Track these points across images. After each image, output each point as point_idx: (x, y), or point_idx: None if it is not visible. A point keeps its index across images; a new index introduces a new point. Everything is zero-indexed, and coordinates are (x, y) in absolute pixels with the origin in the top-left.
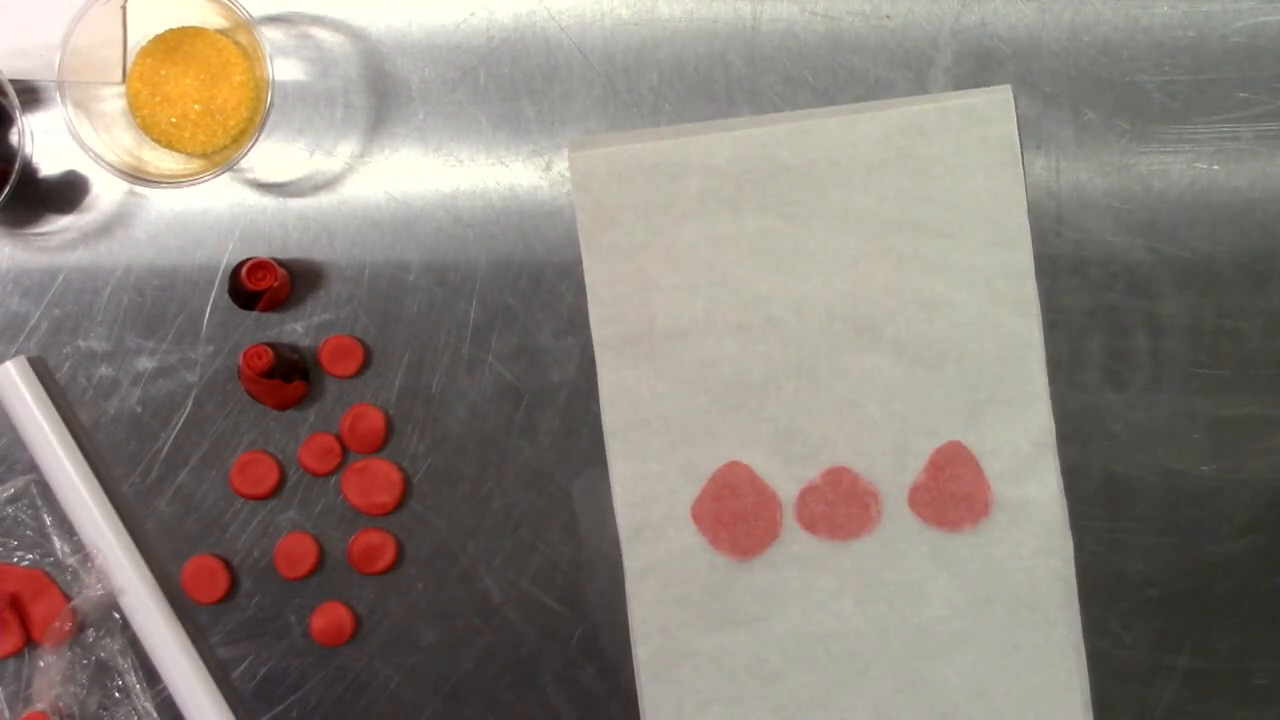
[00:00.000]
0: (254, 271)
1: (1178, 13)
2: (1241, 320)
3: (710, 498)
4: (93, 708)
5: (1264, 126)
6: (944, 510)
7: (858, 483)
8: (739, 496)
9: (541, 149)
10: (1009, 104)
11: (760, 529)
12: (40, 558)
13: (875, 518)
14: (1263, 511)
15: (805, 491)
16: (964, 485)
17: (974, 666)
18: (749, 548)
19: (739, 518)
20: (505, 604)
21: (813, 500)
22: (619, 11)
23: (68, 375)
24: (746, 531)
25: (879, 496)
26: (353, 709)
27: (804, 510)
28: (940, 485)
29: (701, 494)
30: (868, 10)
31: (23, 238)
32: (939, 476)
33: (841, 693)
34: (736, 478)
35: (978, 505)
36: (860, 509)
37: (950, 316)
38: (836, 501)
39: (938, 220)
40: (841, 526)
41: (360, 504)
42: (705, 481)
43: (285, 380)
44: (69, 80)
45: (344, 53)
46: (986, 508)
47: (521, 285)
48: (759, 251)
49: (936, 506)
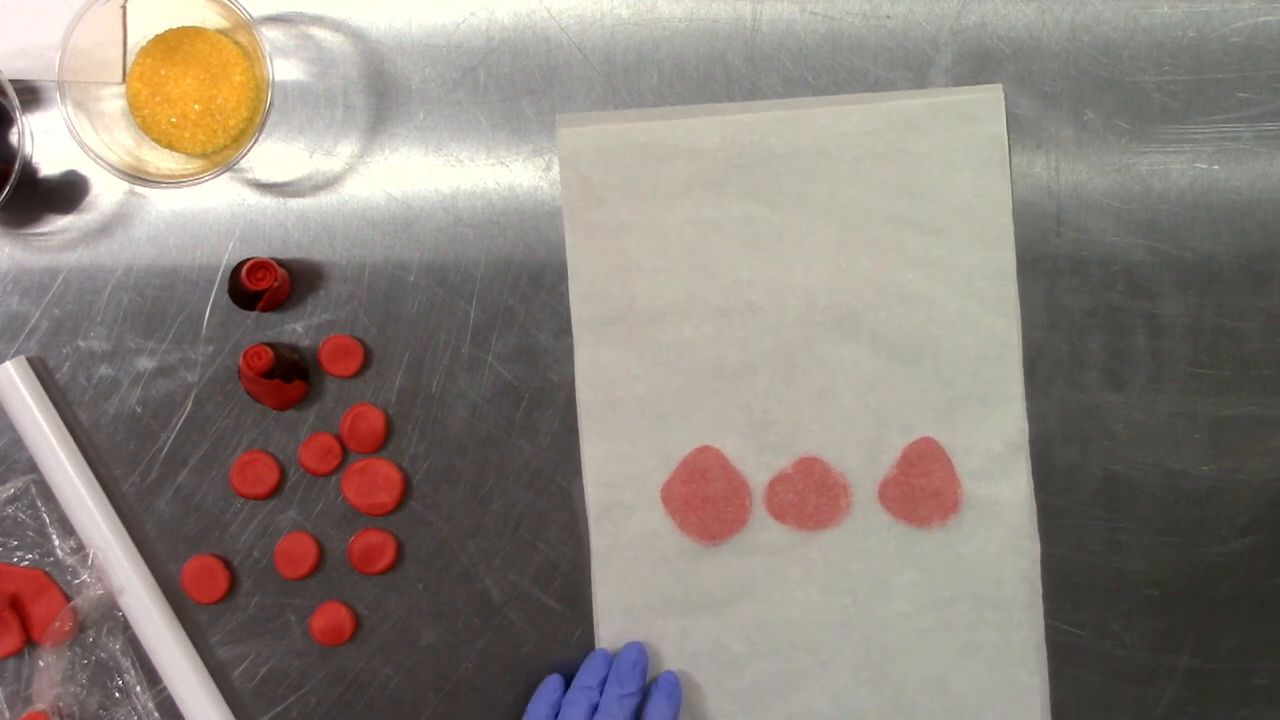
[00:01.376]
0: (254, 271)
1: (1178, 13)
2: (1241, 320)
3: (681, 481)
4: (93, 708)
5: (1264, 126)
6: (913, 506)
7: (829, 474)
8: (710, 481)
9: (541, 149)
10: (999, 103)
11: (729, 515)
12: (40, 558)
13: (844, 509)
14: (1263, 511)
15: (776, 480)
16: (934, 481)
17: (936, 663)
18: (717, 533)
19: (709, 502)
20: (505, 604)
21: (783, 489)
22: (619, 11)
23: (68, 375)
24: (715, 516)
25: (849, 489)
26: (353, 709)
27: (774, 498)
28: (911, 480)
29: (672, 477)
30: (868, 10)
31: (23, 238)
32: (910, 472)
33: (802, 683)
34: (708, 462)
35: (947, 502)
36: (830, 500)
37: (929, 312)
38: (807, 491)
39: (922, 215)
40: (810, 517)
41: (360, 504)
42: (677, 465)
43: (285, 380)
44: (69, 80)
45: (344, 53)
46: (956, 505)
47: (521, 285)
48: (743, 237)
49: (906, 502)
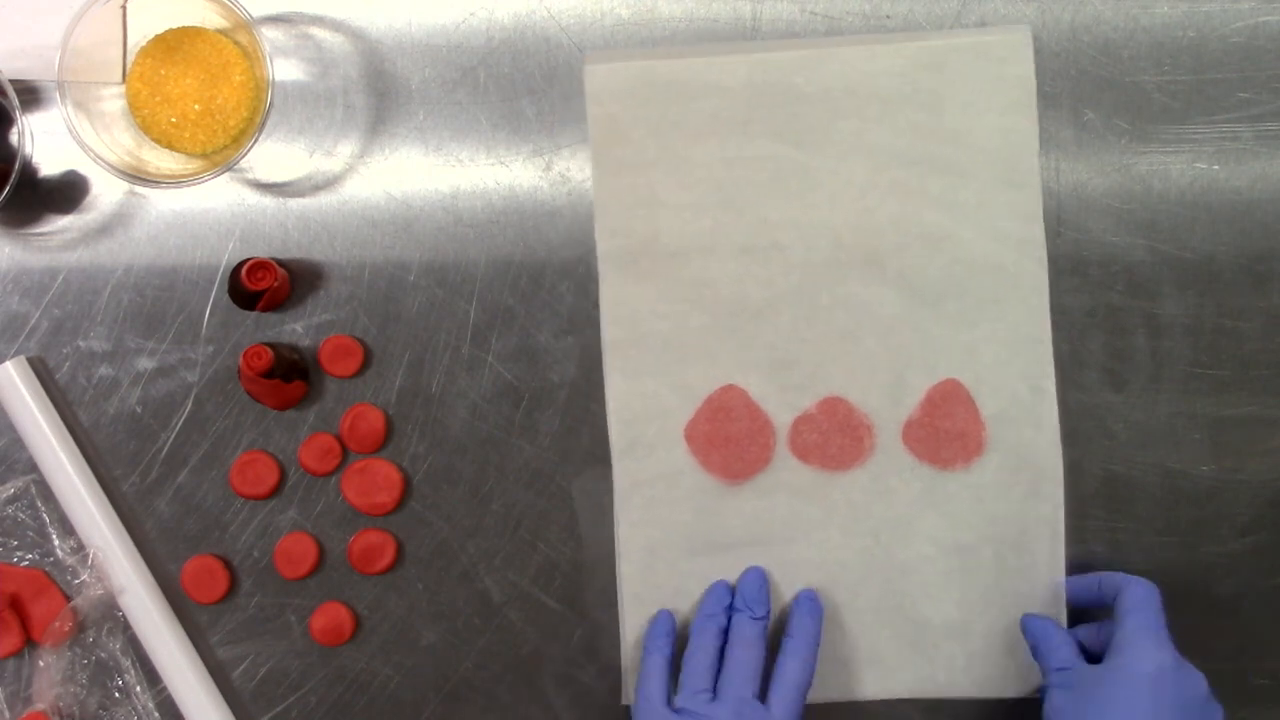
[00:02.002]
0: (254, 271)
1: (1178, 13)
2: (1241, 320)
3: (704, 419)
4: (93, 708)
5: (1264, 126)
6: (937, 447)
7: (853, 414)
8: (733, 420)
9: (541, 149)
10: (1028, 45)
11: (753, 454)
12: (40, 558)
13: (868, 450)
14: (1263, 511)
15: (800, 420)
16: (958, 424)
17: (957, 607)
18: (740, 472)
19: (732, 441)
20: (505, 604)
21: (806, 429)
22: (619, 11)
23: (68, 375)
24: (739, 455)
25: (873, 429)
26: (353, 709)
27: (797, 438)
28: (935, 422)
29: (696, 415)
30: (868, 10)
31: (23, 238)
32: (934, 413)
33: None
34: (732, 401)
35: (971, 444)
36: (854, 441)
37: (954, 254)
38: (830, 432)
39: (948, 156)
40: (834, 457)
41: (360, 504)
42: (701, 403)
43: (285, 380)
44: (69, 80)
45: (344, 53)
46: (980, 448)
47: (521, 285)
48: (768, 176)
49: (930, 443)
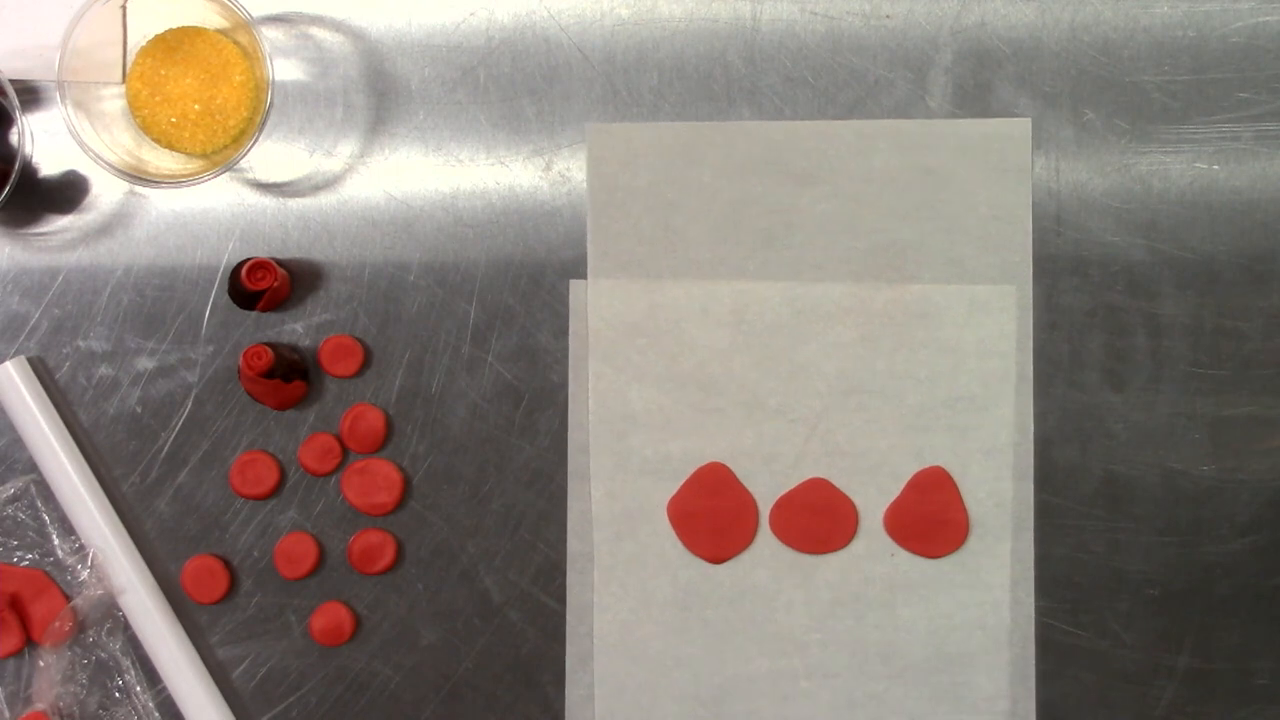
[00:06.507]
0: (254, 271)
1: (1178, 13)
2: (1241, 320)
3: (688, 496)
4: (93, 708)
5: (1264, 126)
6: (919, 534)
7: (836, 497)
8: (717, 497)
9: (541, 149)
10: (1027, 137)
11: (736, 533)
12: (40, 558)
13: (850, 534)
14: (1263, 511)
15: (783, 500)
16: (942, 511)
17: (927, 696)
18: (722, 551)
19: (715, 519)
20: (505, 604)
21: (789, 509)
22: (619, 11)
23: (68, 375)
24: (722, 534)
25: (856, 513)
26: (353, 709)
27: (779, 519)
28: (918, 509)
29: (680, 492)
30: (868, 10)
31: (23, 238)
32: (918, 500)
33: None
34: (717, 479)
35: (953, 533)
36: (836, 524)
37: (944, 342)
38: (813, 513)
39: (941, 243)
40: (816, 539)
41: (360, 504)
42: (685, 479)
43: (285, 380)
44: (69, 80)
45: (344, 53)
46: (962, 537)
47: (521, 285)
48: (761, 251)
49: (912, 529)
